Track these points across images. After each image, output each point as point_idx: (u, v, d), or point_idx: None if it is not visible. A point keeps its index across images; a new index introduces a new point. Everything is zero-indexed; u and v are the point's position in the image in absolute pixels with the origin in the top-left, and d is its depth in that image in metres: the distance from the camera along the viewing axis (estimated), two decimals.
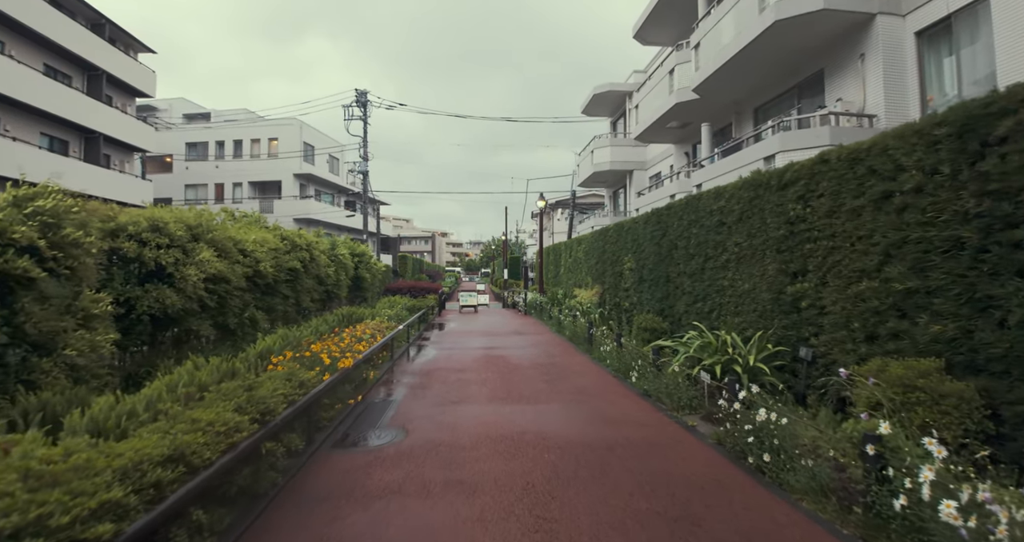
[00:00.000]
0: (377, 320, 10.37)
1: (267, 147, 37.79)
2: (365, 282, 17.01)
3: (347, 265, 14.70)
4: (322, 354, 5.53)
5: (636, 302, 10.71)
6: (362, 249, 17.08)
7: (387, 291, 21.35)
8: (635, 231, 10.87)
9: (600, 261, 13.38)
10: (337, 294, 13.91)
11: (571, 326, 11.65)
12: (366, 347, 7.06)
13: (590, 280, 13.96)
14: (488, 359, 8.91)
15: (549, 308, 15.16)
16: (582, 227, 26.31)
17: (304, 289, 11.06)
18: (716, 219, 7.50)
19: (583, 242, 15.65)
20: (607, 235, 12.95)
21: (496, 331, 13.55)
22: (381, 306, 14.53)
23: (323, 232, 14.77)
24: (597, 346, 9.37)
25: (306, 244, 11.03)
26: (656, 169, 21.43)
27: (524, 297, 18.76)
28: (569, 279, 17.72)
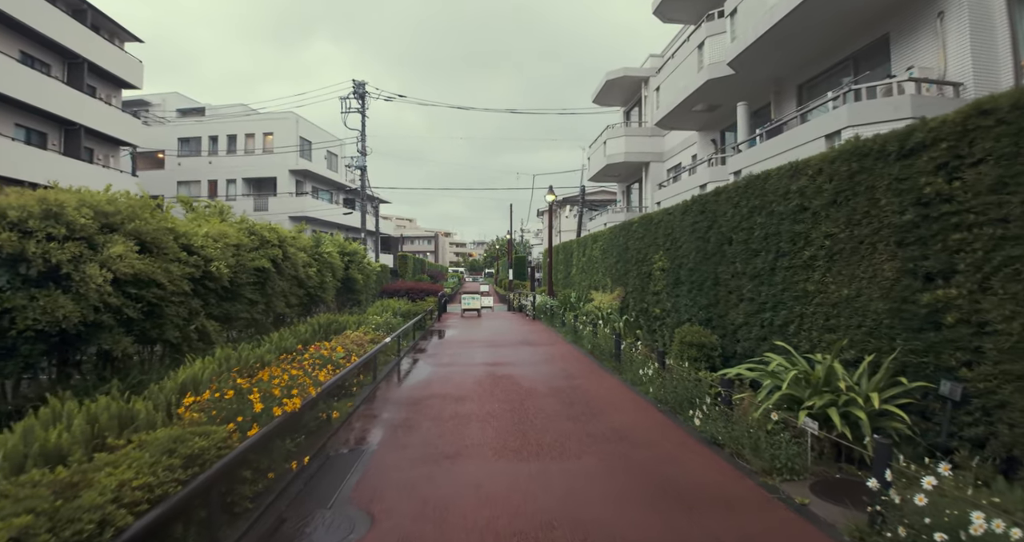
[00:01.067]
0: (362, 330, 8.65)
1: (262, 142, 36.20)
2: (357, 284, 15.32)
3: (334, 265, 13.01)
4: (253, 393, 3.81)
5: (670, 309, 8.95)
6: (353, 247, 15.38)
7: (383, 293, 19.66)
8: (668, 224, 9.12)
9: (621, 260, 11.62)
10: (322, 297, 12.22)
11: (590, 336, 9.91)
12: (329, 376, 5.31)
13: (609, 282, 12.19)
14: (494, 380, 7.19)
15: (562, 313, 13.42)
16: (593, 224, 24.54)
17: (277, 292, 9.35)
18: (794, 204, 5.74)
19: (599, 239, 13.90)
20: (630, 230, 11.19)
21: (502, 340, 11.92)
22: (372, 311, 12.82)
23: (305, 227, 13.08)
24: (630, 364, 7.63)
25: (278, 240, 9.33)
26: (675, 160, 19.65)
27: (532, 300, 17.03)
28: (582, 280, 15.97)
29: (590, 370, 7.97)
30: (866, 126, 8.35)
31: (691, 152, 18.30)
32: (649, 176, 20.90)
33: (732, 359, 6.93)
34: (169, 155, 37.11)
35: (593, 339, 9.67)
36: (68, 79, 24.57)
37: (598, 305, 11.38)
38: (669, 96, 15.07)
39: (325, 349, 6.60)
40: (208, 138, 36.96)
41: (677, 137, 19.50)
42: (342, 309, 15.97)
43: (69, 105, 23.43)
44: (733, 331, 6.89)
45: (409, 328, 11.22)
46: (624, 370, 7.60)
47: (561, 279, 19.98)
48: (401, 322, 12.22)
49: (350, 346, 7.05)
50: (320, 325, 8.45)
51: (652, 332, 9.50)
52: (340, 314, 14.18)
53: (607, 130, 21.35)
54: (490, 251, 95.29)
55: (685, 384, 5.60)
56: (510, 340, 11.83)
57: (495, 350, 10.18)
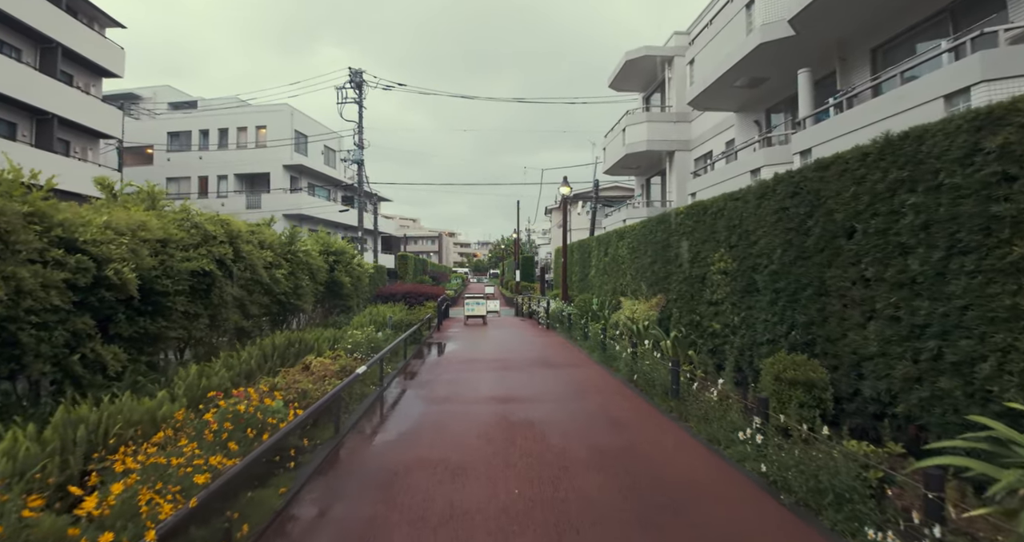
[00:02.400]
0: (327, 357, 6.54)
1: (255, 136, 34.26)
2: (344, 288, 13.25)
3: (313, 266, 10.94)
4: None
5: (738, 324, 6.81)
6: (340, 245, 13.32)
7: (377, 297, 17.60)
8: (734, 213, 6.99)
9: (660, 260, 9.49)
10: (297, 305, 10.14)
11: (628, 358, 7.75)
12: (243, 455, 3.12)
13: (644, 287, 10.05)
14: (507, 432, 4.96)
15: (583, 323, 11.30)
16: (609, 221, 22.39)
17: (228, 302, 7.29)
18: (987, 172, 3.60)
19: (626, 236, 11.76)
20: (671, 224, 9.07)
21: (514, 359, 9.66)
22: (358, 323, 10.73)
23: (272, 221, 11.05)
24: (693, 401, 5.50)
25: (227, 235, 7.26)
26: (705, 148, 17.49)
27: (546, 306, 14.91)
28: (603, 283, 13.84)
29: (640, 412, 5.73)
30: (1006, 81, 6.20)
31: (725, 138, 16.15)
32: (674, 167, 18.74)
33: (851, 402, 4.80)
34: (158, 150, 35.26)
35: (632, 362, 7.52)
36: (41, 65, 22.67)
37: (632, 316, 9.25)
38: (706, 69, 12.92)
39: (269, 386, 4.52)
40: (199, 132, 35.06)
41: (707, 122, 17.34)
42: (328, 317, 13.92)
43: (40, 93, 21.54)
44: (855, 363, 4.75)
45: (400, 344, 9.11)
46: (689, 414, 5.45)
47: (576, 282, 17.85)
48: (391, 336, 10.12)
49: (306, 385, 4.95)
50: (276, 348, 6.35)
51: (712, 353, 7.35)
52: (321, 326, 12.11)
53: (626, 116, 19.21)
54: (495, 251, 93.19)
55: (825, 465, 3.44)
56: (524, 359, 9.69)
57: (506, 375, 7.99)
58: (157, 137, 35.11)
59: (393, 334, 10.44)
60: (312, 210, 33.81)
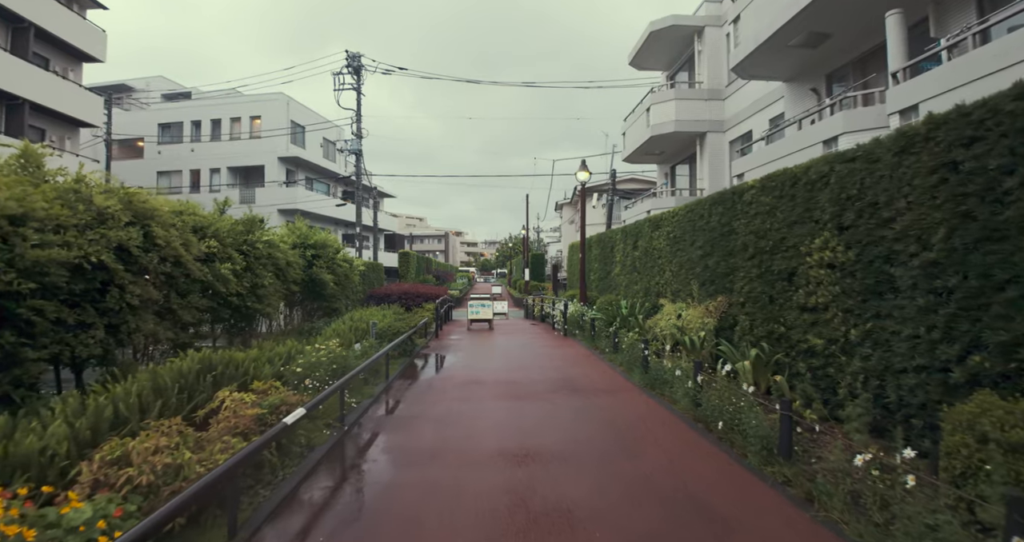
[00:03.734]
0: (259, 388, 4.46)
1: (249, 127, 32.41)
2: (327, 288, 11.25)
3: (281, 261, 8.94)
4: None
5: (854, 340, 4.71)
6: (320, 238, 11.31)
7: (370, 298, 15.60)
8: (845, 180, 4.90)
9: (717, 252, 7.39)
10: (257, 309, 8.14)
11: (690, 387, 5.57)
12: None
13: (694, 286, 7.92)
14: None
15: (611, 331, 9.21)
16: (629, 214, 20.24)
17: (134, 307, 5.29)
18: None
19: (663, 224, 9.65)
20: (734, 203, 6.98)
21: (529, 381, 7.35)
22: (334, 330, 8.71)
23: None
24: (838, 483, 3.39)
25: (135, 214, 5.26)
26: (742, 128, 15.33)
27: (563, 309, 12.76)
28: (632, 282, 11.74)
29: (741, 488, 3.53)
30: None
31: (769, 114, 13.99)
32: (706, 150, 16.57)
33: None
34: (149, 142, 33.54)
35: (698, 393, 5.38)
36: (12, 47, 20.91)
37: (681, 324, 7.15)
38: (757, 24, 10.77)
39: (102, 464, 2.52)
40: (190, 123, 33.27)
41: (744, 98, 15.19)
42: (309, 322, 11.93)
43: (10, 76, 19.77)
44: None
45: (381, 360, 7.06)
46: (827, 499, 3.31)
47: (596, 281, 15.74)
48: (374, 347, 8.08)
49: (180, 456, 2.93)
50: (183, 376, 4.31)
51: (818, 381, 5.23)
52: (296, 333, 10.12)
53: (651, 94, 17.06)
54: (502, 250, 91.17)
55: None
56: (542, 380, 7.42)
57: (519, 408, 5.74)
58: (148, 129, 33.41)
59: (377, 345, 8.41)
60: (309, 205, 31.93)
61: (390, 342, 8.30)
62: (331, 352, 5.77)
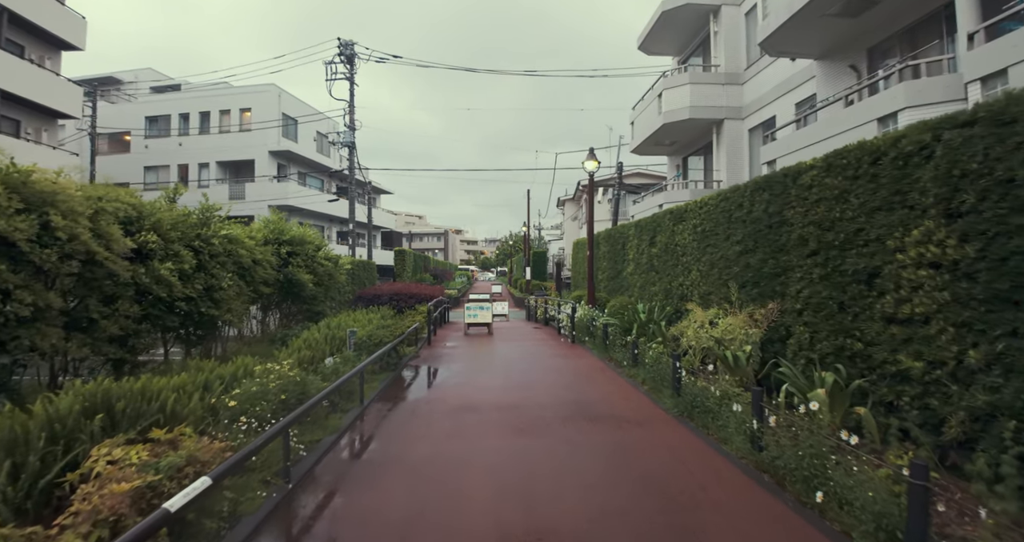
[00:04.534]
0: (162, 443, 3.21)
1: (239, 120, 31.14)
2: (305, 289, 10.00)
3: (245, 259, 7.70)
4: None
5: (974, 364, 3.47)
6: (297, 234, 10.05)
7: (359, 300, 14.36)
8: (958, 152, 3.65)
9: (762, 248, 6.14)
10: (214, 315, 6.89)
11: (744, 422, 4.30)
12: None
13: (733, 289, 6.65)
14: None
15: (632, 340, 7.91)
16: (639, 209, 18.98)
17: (25, 315, 4.07)
18: None
19: (688, 216, 8.39)
20: (786, 187, 5.73)
21: (537, 405, 6.01)
22: (304, 341, 7.46)
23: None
24: None
25: (24, 198, 4.02)
26: (764, 114, 14.06)
27: (571, 313, 11.41)
28: (648, 282, 10.50)
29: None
30: None
31: (795, 97, 12.72)
32: (723, 139, 15.30)
33: None
34: (136, 136, 32.27)
35: (758, 433, 4.11)
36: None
37: (721, 334, 5.91)
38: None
39: None
40: (178, 116, 31.99)
41: (766, 82, 13.91)
42: (286, 326, 10.69)
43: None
44: None
45: (354, 379, 5.81)
46: None
47: (604, 280, 14.49)
48: (345, 363, 6.82)
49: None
50: (58, 420, 3.07)
51: (912, 410, 3.99)
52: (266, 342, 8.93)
53: (663, 78, 15.77)
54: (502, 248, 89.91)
55: None
56: (552, 403, 6.08)
57: (527, 447, 4.51)
58: (135, 122, 32.15)
59: (355, 358, 7.15)
60: (301, 201, 30.69)
61: (370, 355, 7.05)
62: (282, 377, 4.52)
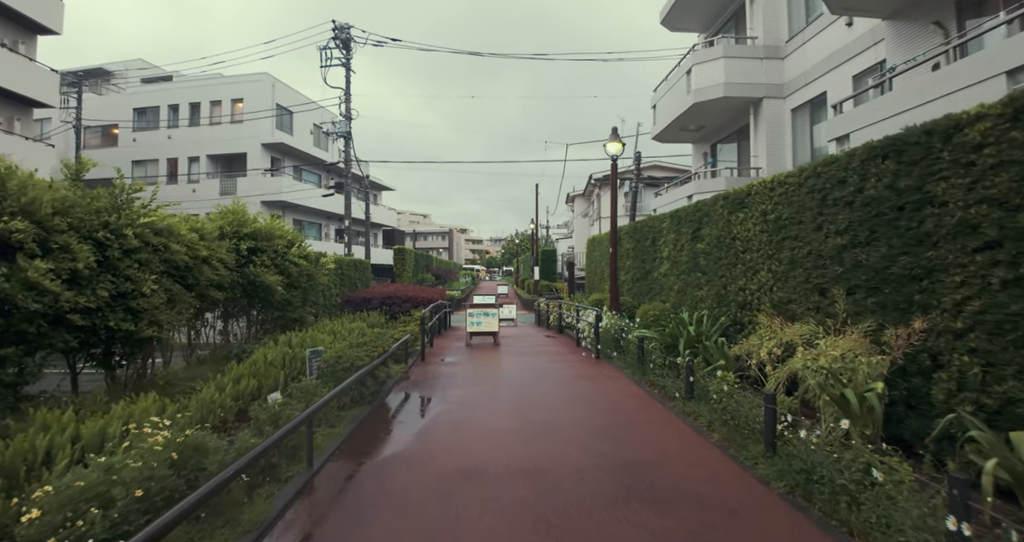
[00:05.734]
0: None
1: (230, 111, 29.50)
2: (274, 293, 8.26)
3: (180, 256, 5.96)
4: None
5: None
6: (263, 227, 8.31)
7: (346, 304, 12.63)
8: None
9: (875, 243, 4.30)
10: (129, 331, 5.17)
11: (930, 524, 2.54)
12: None
13: (837, 297, 4.82)
14: None
15: (686, 365, 6.03)
16: (662, 202, 17.12)
17: None
18: None
19: (752, 201, 6.54)
20: (931, 151, 3.90)
21: (571, 477, 3.88)
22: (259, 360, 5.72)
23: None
24: None
25: None
26: (811, 90, 12.18)
27: (595, 321, 9.43)
28: (693, 286, 8.68)
29: None
30: None
31: (853, 68, 10.83)
32: (761, 121, 13.45)
33: None
34: (124, 129, 30.73)
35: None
36: None
37: (831, 362, 4.11)
38: None
39: None
40: (168, 108, 30.37)
41: (816, 51, 12.03)
42: (254, 336, 8.97)
43: None
44: None
45: (301, 427, 4.04)
46: None
47: (628, 281, 12.67)
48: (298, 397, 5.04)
49: None
50: None
51: None
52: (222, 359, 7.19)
53: (692, 53, 13.91)
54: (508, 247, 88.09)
55: None
56: (593, 474, 3.95)
57: None
58: (123, 114, 30.60)
59: (316, 387, 5.37)
60: (296, 196, 29.05)
61: (336, 385, 5.27)
62: (168, 445, 2.72)
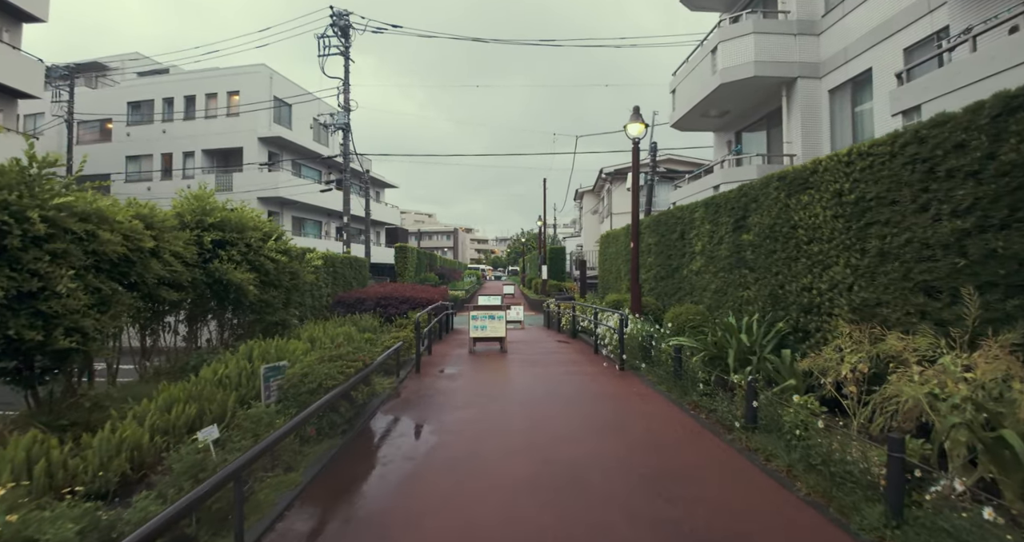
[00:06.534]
0: None
1: (226, 104, 28.46)
2: (246, 294, 7.10)
3: (112, 246, 4.81)
4: None
5: None
6: (233, 217, 7.14)
7: (337, 305, 11.48)
8: None
9: (1009, 225, 3.10)
10: (35, 341, 4.03)
11: None
12: None
13: (971, 302, 3.60)
14: None
15: (746, 383, 4.81)
16: (682, 194, 15.86)
17: None
18: None
19: (820, 182, 5.30)
20: None
21: None
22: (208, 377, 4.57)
23: None
24: None
25: None
26: (852, 68, 10.89)
27: (618, 328, 8.04)
28: (737, 285, 7.43)
29: None
30: None
31: (904, 40, 9.59)
32: (795, 103, 12.17)
33: None
34: (118, 122, 29.75)
35: None
36: None
37: (963, 391, 2.89)
38: None
39: None
40: (162, 101, 29.36)
41: (858, 25, 10.75)
42: (226, 343, 7.82)
43: None
44: None
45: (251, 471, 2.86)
46: None
47: (651, 280, 11.44)
48: (201, 464, 3.86)
49: None
50: None
51: None
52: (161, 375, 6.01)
53: (718, 29, 12.66)
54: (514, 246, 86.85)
55: None
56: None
57: None
58: (117, 108, 29.64)
59: (276, 416, 4.20)
60: (294, 192, 27.97)
61: (301, 411, 4.10)
62: None
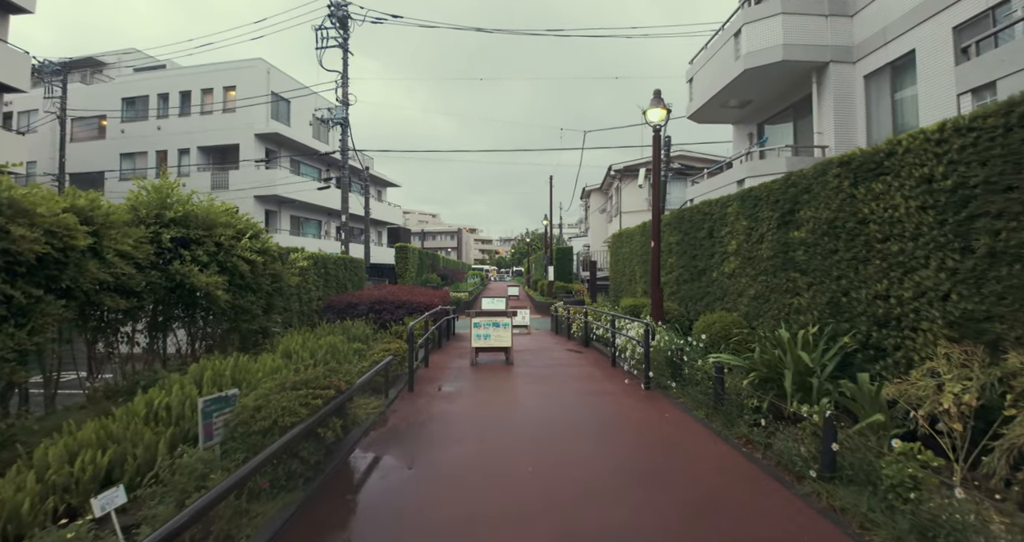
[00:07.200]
0: None
1: (222, 100, 27.61)
2: (216, 300, 6.20)
3: (29, 244, 3.90)
4: None
5: None
6: (200, 210, 6.25)
7: (328, 310, 10.55)
8: None
9: None
10: None
11: None
12: None
13: None
14: None
15: (826, 419, 3.83)
16: (699, 191, 14.87)
17: None
18: None
19: (898, 166, 4.36)
20: None
21: None
22: (137, 408, 3.64)
23: None
24: None
25: None
26: (892, 51, 9.88)
27: (645, 337, 6.94)
28: (783, 291, 6.44)
29: None
30: None
31: (949, 19, 8.58)
32: (827, 90, 11.17)
33: None
34: (112, 119, 28.97)
35: None
36: None
37: None
38: None
39: None
40: (157, 97, 28.53)
41: (896, 5, 9.76)
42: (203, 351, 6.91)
43: None
44: None
45: None
46: None
47: (672, 283, 10.45)
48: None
49: None
50: None
51: None
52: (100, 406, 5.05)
53: (742, 10, 11.67)
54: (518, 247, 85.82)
55: None
56: None
57: None
58: (111, 104, 28.85)
59: (216, 463, 3.26)
60: (292, 190, 27.09)
61: (255, 454, 3.17)
62: None
